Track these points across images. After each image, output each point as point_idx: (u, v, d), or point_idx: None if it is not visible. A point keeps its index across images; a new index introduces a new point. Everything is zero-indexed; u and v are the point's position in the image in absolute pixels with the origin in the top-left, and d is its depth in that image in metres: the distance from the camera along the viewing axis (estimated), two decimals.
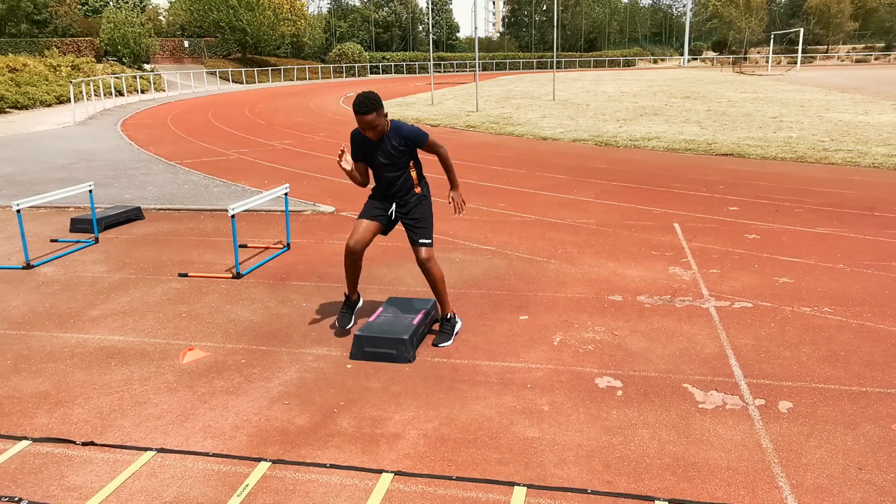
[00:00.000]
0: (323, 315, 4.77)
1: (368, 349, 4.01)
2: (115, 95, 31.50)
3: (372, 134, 3.93)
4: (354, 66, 58.26)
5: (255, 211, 7.98)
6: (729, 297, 4.88)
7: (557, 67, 66.78)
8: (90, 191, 6.87)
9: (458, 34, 76.94)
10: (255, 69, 48.17)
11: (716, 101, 22.58)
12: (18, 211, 5.95)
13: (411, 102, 25.84)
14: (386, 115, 3.97)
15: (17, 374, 3.94)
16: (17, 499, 2.80)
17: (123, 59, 44.64)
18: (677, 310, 4.68)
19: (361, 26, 70.31)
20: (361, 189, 4.41)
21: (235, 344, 4.31)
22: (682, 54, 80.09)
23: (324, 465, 2.98)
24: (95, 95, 27.17)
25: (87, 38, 49.56)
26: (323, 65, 57.92)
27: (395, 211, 4.23)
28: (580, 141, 13.97)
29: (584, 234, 6.72)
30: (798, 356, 3.94)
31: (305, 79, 51.61)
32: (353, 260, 4.19)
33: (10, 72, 30.77)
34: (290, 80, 50.14)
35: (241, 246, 6.54)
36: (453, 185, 4.34)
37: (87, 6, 59.34)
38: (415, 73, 61.00)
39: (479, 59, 66.74)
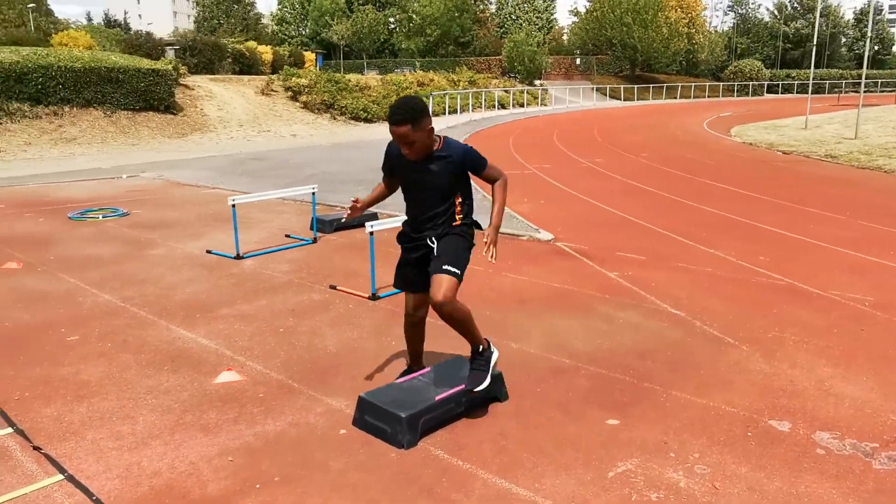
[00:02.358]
0: (399, 361, 4.08)
1: (368, 418, 3.23)
2: (498, 108, 34.10)
3: (408, 152, 3.08)
4: (749, 85, 53.41)
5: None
6: None
7: None
8: (313, 193, 7.21)
9: (893, 48, 64.91)
10: (637, 86, 47.46)
11: None
12: (233, 206, 6.49)
13: (782, 125, 22.41)
14: (431, 130, 3.08)
15: (96, 360, 4.16)
16: None
17: (518, 75, 48.20)
18: (865, 471, 2.82)
19: (767, 42, 64.11)
20: (592, 220, 3.45)
21: (278, 374, 3.92)
22: None
23: None
24: (461, 109, 29.64)
25: (496, 57, 54.85)
26: (713, 82, 54.42)
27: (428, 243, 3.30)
28: None
29: (836, 315, 4.69)
30: None
31: (690, 97, 49.10)
32: (414, 324, 3.52)
33: (418, 86, 35.65)
34: (674, 97, 48.22)
35: None
36: (492, 221, 3.25)
37: (502, 28, 65.85)
38: (824, 92, 53.24)
39: None
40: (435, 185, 3.21)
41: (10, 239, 7.50)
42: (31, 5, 54.41)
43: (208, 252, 6.80)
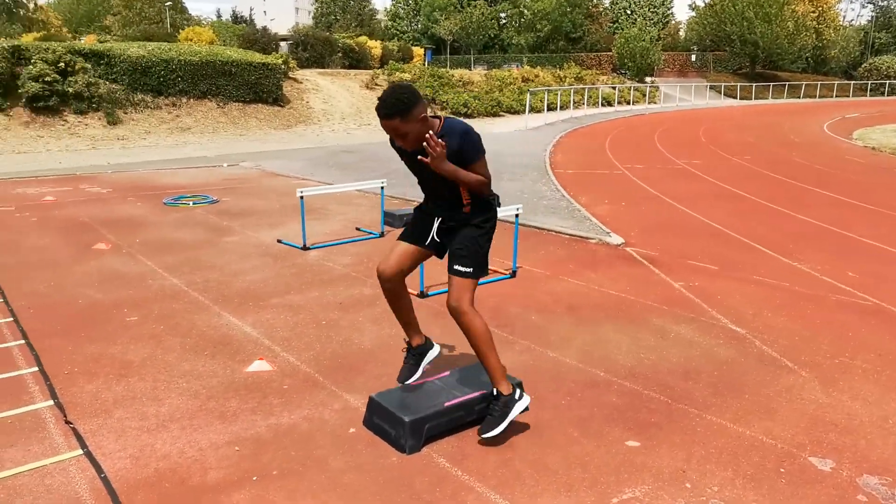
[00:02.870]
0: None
1: (377, 420, 3.19)
2: (604, 105, 33.24)
3: (403, 143, 2.96)
4: (885, 84, 49.26)
5: (539, 229, 7.30)
6: None
7: None
8: (382, 188, 7.25)
9: None
10: (756, 84, 44.86)
11: None
12: (301, 197, 6.64)
13: None
14: (424, 119, 2.89)
15: (146, 341, 4.35)
16: None
17: (628, 71, 46.80)
18: None
19: None
20: (671, 225, 3.09)
21: (307, 366, 3.95)
22: None
23: None
24: (563, 106, 29.03)
25: (607, 53, 53.50)
26: (844, 81, 50.60)
27: (438, 228, 3.19)
28: None
29: None
30: None
31: (815, 96, 45.90)
32: (389, 290, 3.26)
33: (522, 81, 35.36)
34: (797, 97, 45.25)
35: None
36: (454, 166, 2.94)
37: (616, 24, 64.13)
38: None
39: None
40: (436, 172, 3.04)
41: (109, 221, 8.03)
42: (167, 3, 58.31)
43: (279, 241, 7.00)
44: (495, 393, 3.08)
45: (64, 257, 6.44)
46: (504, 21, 64.64)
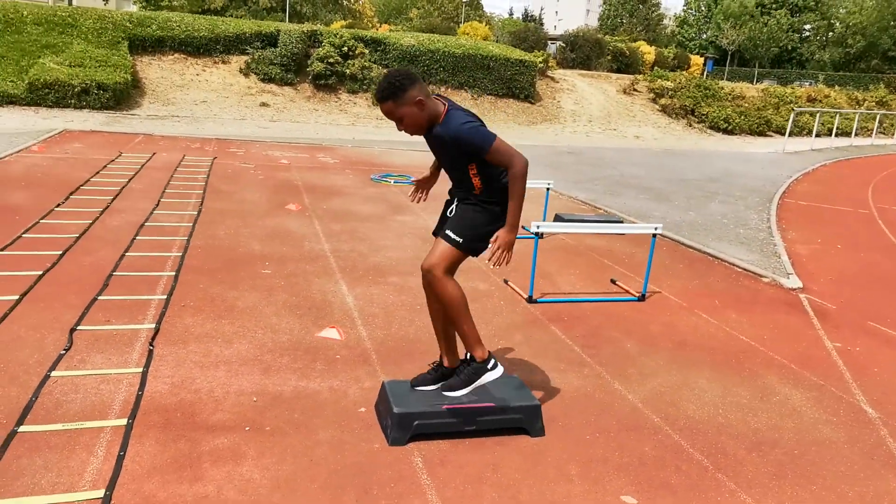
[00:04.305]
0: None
1: (380, 405, 3.21)
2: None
3: (402, 128, 2.87)
4: None
5: (712, 257, 6.57)
6: None
7: None
8: (547, 188, 7.10)
9: None
10: None
11: None
12: None
13: None
14: (420, 103, 2.77)
15: (260, 292, 4.80)
16: (67, 346, 3.69)
17: None
18: None
19: None
20: (885, 280, 2.80)
21: (371, 343, 4.07)
22: None
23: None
24: (841, 131, 25.30)
25: None
26: None
27: (453, 209, 3.06)
28: None
29: None
30: None
31: None
32: (429, 293, 3.18)
33: (807, 101, 31.81)
34: None
35: (611, 281, 5.68)
36: (507, 220, 2.86)
37: None
38: None
39: None
40: (442, 156, 3.03)
41: (315, 187, 8.92)
42: (465, 0, 62.40)
43: None
44: (468, 357, 3.02)
45: (258, 211, 7.32)
46: (807, 34, 58.49)
